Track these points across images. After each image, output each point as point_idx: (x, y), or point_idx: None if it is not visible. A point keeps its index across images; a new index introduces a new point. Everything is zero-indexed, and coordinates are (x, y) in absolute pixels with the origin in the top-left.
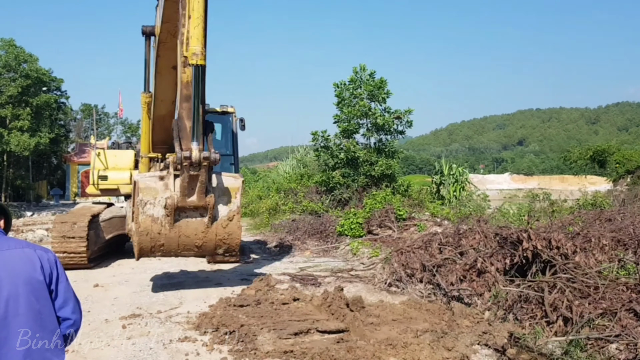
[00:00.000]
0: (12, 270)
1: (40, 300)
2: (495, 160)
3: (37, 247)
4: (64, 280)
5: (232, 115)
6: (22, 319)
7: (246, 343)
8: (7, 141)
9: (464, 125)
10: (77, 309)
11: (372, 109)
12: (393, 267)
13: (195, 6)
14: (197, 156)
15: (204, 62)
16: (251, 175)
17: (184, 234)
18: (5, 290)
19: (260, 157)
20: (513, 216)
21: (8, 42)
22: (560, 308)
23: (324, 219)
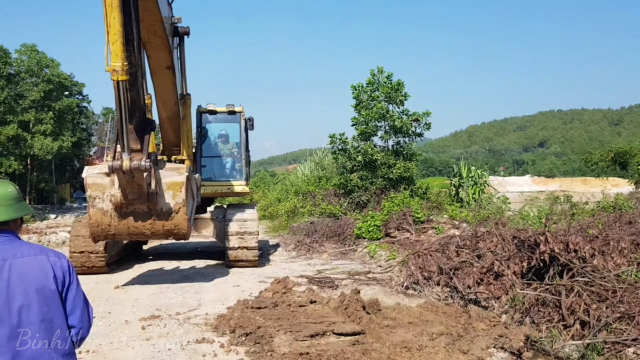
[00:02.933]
0: (25, 279)
1: (53, 309)
2: (516, 162)
3: (50, 254)
4: (74, 288)
5: (241, 115)
6: (34, 327)
7: (262, 345)
8: (30, 145)
9: (484, 127)
10: (84, 316)
11: (390, 112)
12: (410, 270)
13: (112, 22)
14: (128, 166)
15: (125, 77)
16: (270, 178)
17: (133, 225)
18: (18, 300)
19: (279, 160)
20: (533, 219)
21: (30, 48)
22: (577, 311)
23: (342, 221)
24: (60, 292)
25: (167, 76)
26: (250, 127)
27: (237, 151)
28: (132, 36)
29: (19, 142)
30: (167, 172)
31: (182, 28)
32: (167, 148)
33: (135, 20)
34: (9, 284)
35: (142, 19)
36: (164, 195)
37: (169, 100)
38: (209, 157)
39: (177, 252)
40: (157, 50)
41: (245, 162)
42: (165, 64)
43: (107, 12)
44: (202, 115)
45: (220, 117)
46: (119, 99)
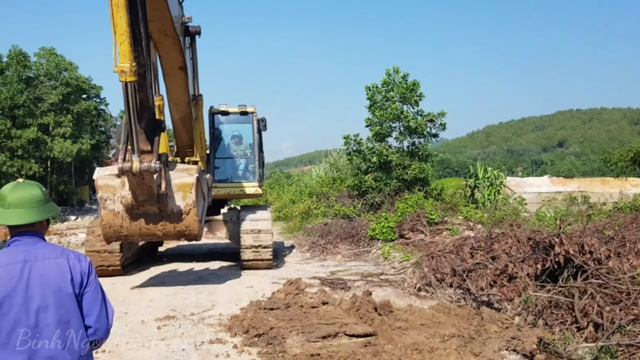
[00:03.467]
0: (44, 281)
1: (69, 312)
2: (534, 163)
3: (71, 256)
4: (91, 291)
5: (253, 116)
6: (51, 329)
7: (275, 346)
8: (50, 148)
9: (502, 127)
10: (101, 318)
11: (404, 112)
12: (423, 272)
13: (118, 22)
14: (137, 168)
15: (133, 78)
16: (285, 180)
17: (144, 226)
18: (36, 302)
19: (295, 161)
20: (549, 220)
21: (49, 51)
22: (590, 314)
23: (356, 222)
24: (77, 294)
25: (179, 77)
26: (263, 128)
27: (250, 152)
28: (140, 36)
29: (39, 145)
30: (177, 174)
31: (193, 27)
32: (181, 149)
33: (143, 19)
34: (29, 285)
35: (152, 19)
36: (174, 197)
37: (181, 102)
38: (222, 159)
39: (193, 253)
40: (168, 50)
41: (258, 163)
42: (177, 64)
43: (114, 12)
44: (215, 116)
45: (232, 118)
46: (128, 100)
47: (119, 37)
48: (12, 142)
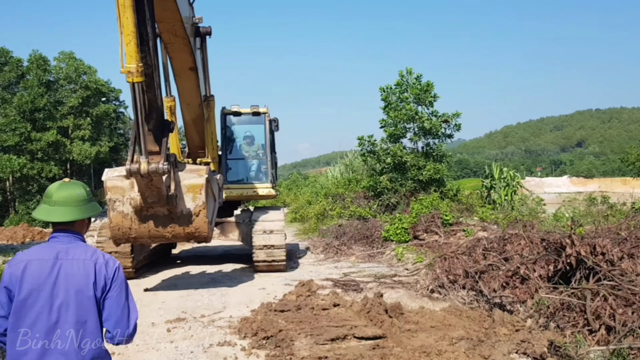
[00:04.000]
0: (69, 280)
1: (87, 313)
2: (553, 163)
3: (100, 259)
4: (113, 296)
5: (265, 116)
6: (69, 327)
7: (283, 348)
8: (69, 150)
9: (520, 127)
10: (120, 324)
11: (419, 113)
12: (435, 273)
13: (125, 22)
14: (145, 169)
15: (140, 78)
16: (302, 181)
17: (153, 228)
18: (59, 298)
19: (312, 162)
20: (567, 220)
21: (68, 55)
22: (603, 316)
23: (370, 224)
24: (99, 297)
25: (190, 78)
26: (275, 128)
27: (263, 153)
28: (147, 36)
29: (59, 147)
30: (187, 175)
31: (203, 28)
32: (192, 150)
33: (150, 19)
34: (56, 282)
35: (162, 20)
36: (183, 198)
37: (192, 102)
38: (234, 160)
39: (207, 255)
40: (178, 51)
41: (271, 164)
42: (187, 65)
43: (120, 12)
44: (227, 116)
45: (244, 119)
46: (136, 101)
47: (125, 38)
48: (32, 144)
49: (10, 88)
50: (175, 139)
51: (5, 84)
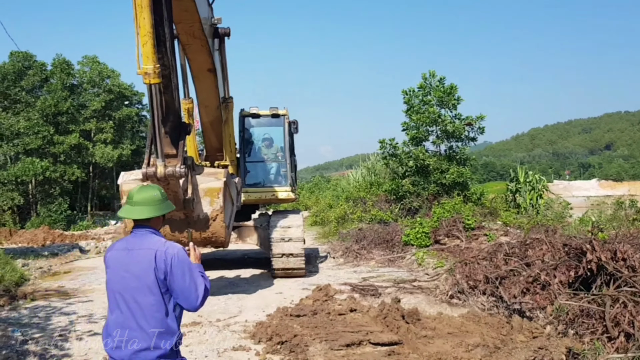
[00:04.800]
0: (138, 267)
1: (148, 295)
2: (582, 166)
3: (160, 248)
4: (177, 278)
5: (284, 118)
6: (137, 306)
7: (297, 353)
8: (92, 153)
9: (547, 129)
10: (189, 298)
11: (441, 116)
12: (455, 279)
13: (142, 23)
14: (162, 173)
15: (157, 80)
16: (324, 184)
17: (170, 233)
18: (131, 282)
19: (335, 165)
20: (597, 224)
21: (92, 59)
22: (622, 323)
23: (391, 228)
24: (162, 279)
25: (208, 79)
26: (294, 131)
27: (282, 155)
28: (165, 37)
29: (81, 150)
30: (204, 178)
31: (222, 29)
32: (210, 153)
33: (168, 20)
34: (128, 269)
35: (180, 20)
36: (200, 202)
37: (211, 104)
38: (253, 162)
39: (224, 259)
40: (197, 52)
41: (290, 167)
42: (206, 66)
43: (137, 13)
44: (245, 118)
45: (263, 121)
46: (152, 103)
47: (142, 38)
48: (55, 148)
49: (34, 92)
50: (193, 142)
51: (29, 88)
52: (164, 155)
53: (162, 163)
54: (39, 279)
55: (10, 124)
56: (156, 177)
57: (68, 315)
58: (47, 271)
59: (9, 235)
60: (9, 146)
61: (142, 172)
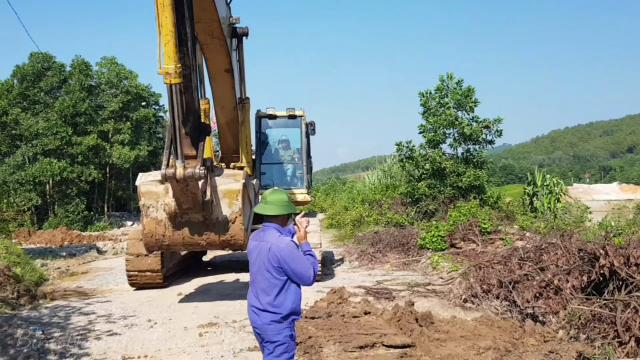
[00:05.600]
0: (263, 256)
1: (267, 279)
2: (603, 169)
3: (274, 242)
4: (289, 265)
5: (301, 119)
6: (264, 285)
7: (311, 355)
8: (109, 154)
9: (568, 131)
10: (302, 279)
11: (459, 119)
12: (469, 283)
13: (164, 22)
14: (182, 174)
15: (178, 80)
16: (340, 186)
17: (188, 235)
18: (262, 266)
19: (351, 167)
20: (611, 229)
21: (110, 60)
22: (633, 328)
23: (407, 231)
24: (278, 267)
25: (225, 80)
26: (311, 132)
27: (298, 157)
28: (186, 36)
29: (99, 151)
30: (223, 180)
31: (240, 29)
32: (226, 154)
33: (189, 19)
34: (258, 255)
35: (199, 20)
36: (219, 204)
37: (227, 105)
38: (269, 164)
39: (240, 261)
40: (215, 52)
41: (306, 169)
42: (223, 66)
43: (159, 12)
44: (262, 120)
45: (280, 122)
46: (172, 103)
47: (163, 38)
48: (73, 148)
49: (52, 93)
50: (209, 143)
51: (48, 89)
52: (184, 157)
53: (182, 164)
54: (58, 279)
55: (29, 125)
56: (175, 178)
57: (87, 315)
58: (65, 271)
59: (28, 236)
60: (28, 147)
61: (161, 173)
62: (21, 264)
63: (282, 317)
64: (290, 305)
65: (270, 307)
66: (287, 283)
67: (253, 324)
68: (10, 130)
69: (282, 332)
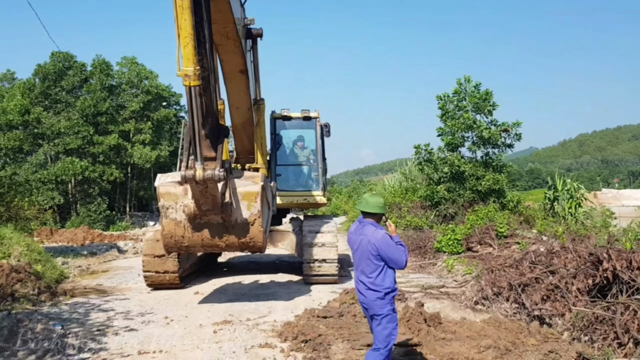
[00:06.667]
0: (362, 246)
1: (368, 265)
2: (632, 174)
3: (370, 235)
4: (384, 253)
5: (316, 121)
6: (366, 269)
7: (320, 351)
8: (130, 154)
9: (596, 135)
10: (397, 263)
11: (477, 122)
12: (480, 285)
13: (182, 24)
14: (201, 176)
15: (197, 82)
16: (362, 188)
17: (207, 237)
18: (363, 255)
19: (375, 170)
20: (633, 235)
21: (130, 60)
22: (632, 330)
23: (425, 234)
24: (374, 254)
25: (240, 81)
26: (326, 134)
27: (314, 159)
28: (204, 38)
29: (120, 151)
30: (242, 182)
31: (255, 30)
32: (242, 155)
33: (207, 21)
34: (358, 247)
35: (215, 21)
36: (238, 206)
37: (242, 106)
38: (284, 166)
39: (258, 262)
40: (230, 53)
41: (322, 171)
42: (238, 67)
43: (178, 14)
44: (276, 121)
45: (295, 123)
46: (192, 105)
47: (182, 40)
48: (94, 148)
49: (74, 92)
50: (224, 144)
51: (69, 88)
52: (203, 158)
53: (201, 166)
54: (78, 277)
55: (51, 124)
56: (195, 180)
57: (106, 311)
58: (85, 270)
59: (50, 234)
60: (50, 145)
61: (180, 175)
62: (42, 262)
63: (384, 294)
64: (388, 284)
65: (373, 286)
66: (384, 267)
67: (360, 300)
68: (33, 129)
69: (385, 306)
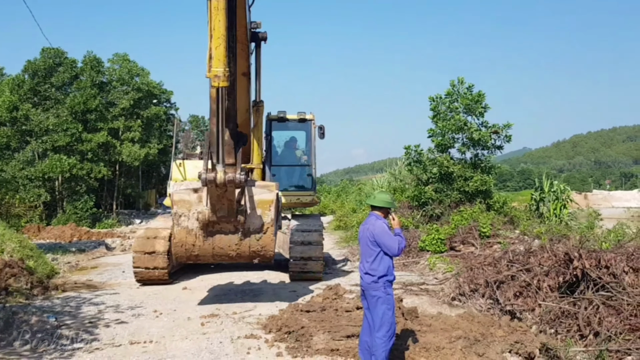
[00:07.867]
0: (364, 233)
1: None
2: (624, 176)
3: (371, 225)
4: (380, 239)
5: (311, 123)
6: (366, 256)
7: (302, 342)
8: (119, 152)
9: (590, 136)
10: (391, 249)
11: (468, 124)
12: (458, 282)
13: (216, 25)
14: (222, 179)
15: (226, 83)
16: (351, 188)
17: (218, 246)
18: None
19: (365, 169)
20: (616, 237)
21: (122, 57)
22: (593, 323)
23: (410, 234)
24: (372, 241)
25: (241, 83)
26: (320, 136)
27: (307, 160)
28: (233, 42)
29: (109, 148)
30: (257, 190)
31: (260, 33)
32: None
33: (235, 26)
34: (363, 235)
35: None
36: (253, 213)
37: (240, 107)
38: (278, 166)
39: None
40: (237, 56)
41: (315, 172)
42: (241, 70)
43: (212, 15)
44: (272, 122)
45: (290, 125)
46: (218, 107)
47: (215, 41)
48: (83, 145)
49: (63, 89)
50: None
51: (59, 85)
52: (224, 162)
53: (223, 169)
54: (68, 272)
55: (39, 120)
56: (215, 183)
57: (97, 305)
58: (75, 266)
59: (38, 231)
60: (38, 142)
61: (201, 177)
62: (34, 257)
63: (378, 278)
64: (383, 270)
65: (370, 270)
66: (379, 253)
67: (361, 284)
68: (21, 125)
69: (379, 289)
